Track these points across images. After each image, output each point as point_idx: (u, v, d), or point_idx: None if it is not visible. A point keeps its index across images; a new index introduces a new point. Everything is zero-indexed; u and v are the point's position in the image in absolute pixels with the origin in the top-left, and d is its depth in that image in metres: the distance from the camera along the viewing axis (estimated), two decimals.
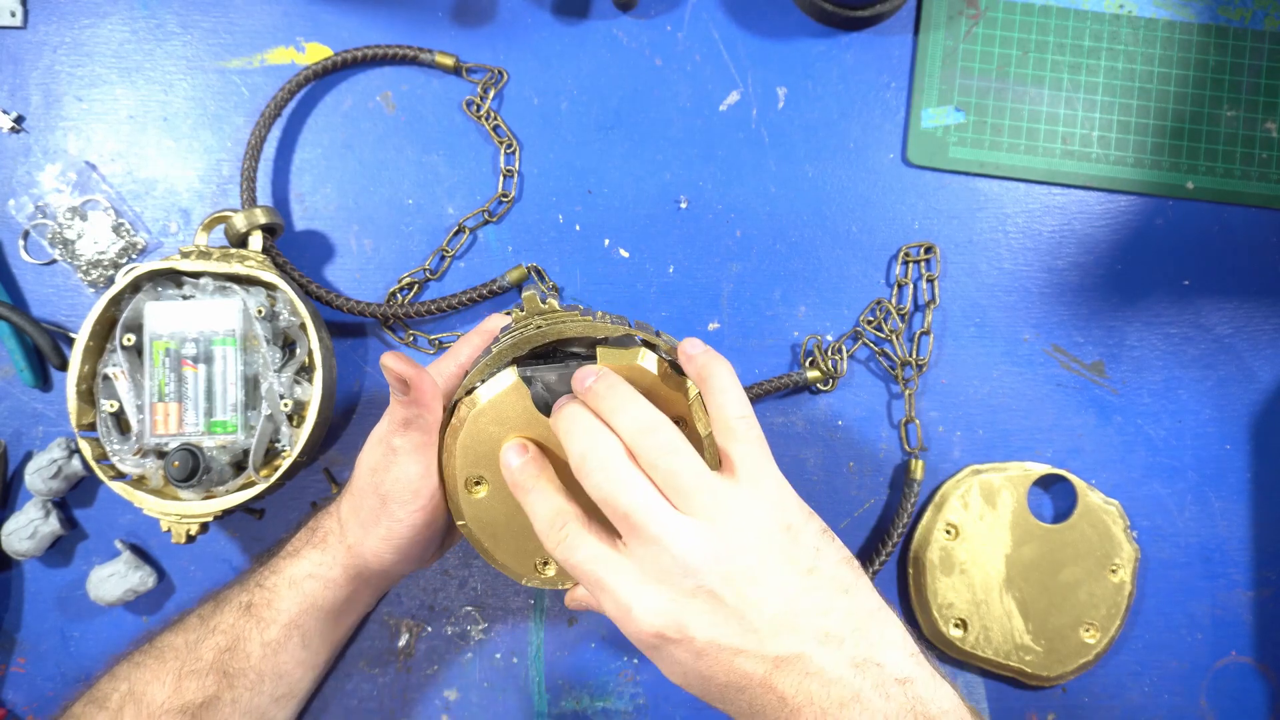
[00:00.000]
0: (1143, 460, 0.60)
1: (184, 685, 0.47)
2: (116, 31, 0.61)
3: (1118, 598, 0.57)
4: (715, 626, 0.38)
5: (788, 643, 0.37)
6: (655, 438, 0.40)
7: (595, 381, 0.42)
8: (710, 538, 0.38)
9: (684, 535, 0.38)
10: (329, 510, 0.52)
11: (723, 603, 0.38)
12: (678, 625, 0.38)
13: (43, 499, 0.56)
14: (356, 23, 0.61)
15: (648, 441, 0.40)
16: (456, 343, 0.52)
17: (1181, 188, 0.61)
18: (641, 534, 0.39)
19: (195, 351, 0.52)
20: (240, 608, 0.49)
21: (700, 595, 0.38)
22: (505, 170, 0.60)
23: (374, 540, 0.48)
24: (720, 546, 0.38)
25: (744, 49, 0.62)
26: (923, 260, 0.60)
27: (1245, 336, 0.61)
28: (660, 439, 0.40)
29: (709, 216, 0.61)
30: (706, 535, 0.38)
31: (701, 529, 0.38)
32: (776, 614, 0.38)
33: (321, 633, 0.51)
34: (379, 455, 0.47)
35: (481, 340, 0.51)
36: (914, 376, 0.60)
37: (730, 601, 0.37)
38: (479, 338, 0.52)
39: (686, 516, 0.39)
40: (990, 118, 0.61)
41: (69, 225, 0.59)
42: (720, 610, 0.37)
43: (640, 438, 0.40)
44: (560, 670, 0.58)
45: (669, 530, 0.38)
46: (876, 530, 0.60)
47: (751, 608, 0.37)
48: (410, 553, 0.49)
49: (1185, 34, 0.62)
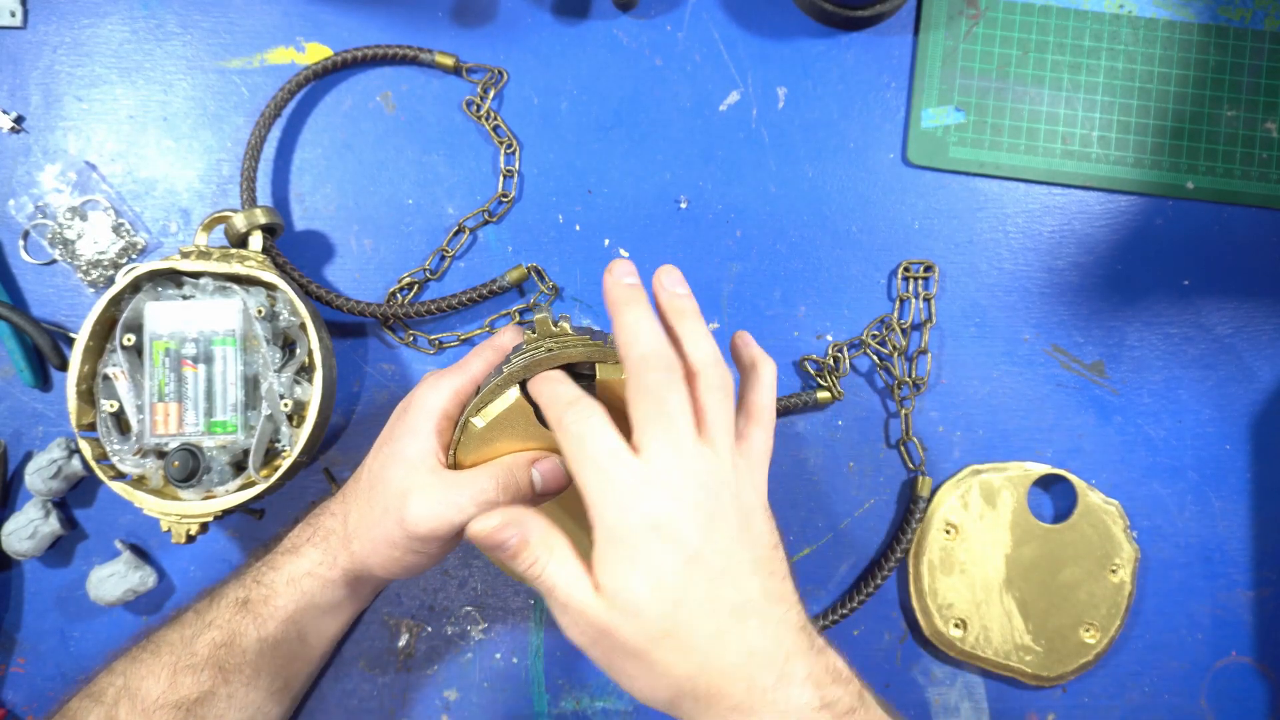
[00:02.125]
0: (1143, 460, 0.60)
1: (179, 680, 0.47)
2: (116, 31, 0.61)
3: (1118, 598, 0.57)
4: (711, 537, 0.39)
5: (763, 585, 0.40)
6: (724, 369, 0.42)
7: (690, 295, 0.44)
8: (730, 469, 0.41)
9: (708, 459, 0.40)
10: (330, 510, 0.52)
11: (720, 523, 0.40)
12: (676, 523, 0.39)
13: (43, 499, 0.56)
14: (356, 23, 0.61)
15: (713, 372, 0.42)
16: (469, 355, 0.52)
17: (1181, 188, 0.61)
18: (674, 440, 0.40)
19: (195, 351, 0.52)
20: (237, 603, 0.49)
21: (703, 511, 0.39)
22: (505, 170, 0.60)
23: (383, 550, 0.48)
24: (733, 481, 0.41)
25: (744, 49, 0.62)
26: (921, 278, 0.60)
27: (1245, 336, 0.61)
28: (726, 373, 0.42)
29: (709, 216, 0.61)
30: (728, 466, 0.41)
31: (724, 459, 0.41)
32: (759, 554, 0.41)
33: (318, 629, 0.52)
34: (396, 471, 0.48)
35: (495, 355, 0.52)
36: (911, 395, 0.60)
37: (729, 523, 0.40)
38: (492, 353, 0.52)
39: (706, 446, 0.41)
40: (990, 118, 0.61)
41: (69, 225, 0.59)
42: (720, 528, 0.40)
43: (709, 368, 0.42)
44: (560, 670, 0.58)
45: (696, 451, 0.40)
46: (876, 530, 0.60)
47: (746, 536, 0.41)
48: (418, 562, 0.49)
49: (1185, 34, 0.62)
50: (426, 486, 0.47)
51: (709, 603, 0.38)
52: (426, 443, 0.48)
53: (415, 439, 0.48)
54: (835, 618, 0.58)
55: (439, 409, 0.49)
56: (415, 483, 0.47)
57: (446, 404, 0.49)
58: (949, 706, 0.59)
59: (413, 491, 0.47)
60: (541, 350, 0.46)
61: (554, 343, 0.47)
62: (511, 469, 0.47)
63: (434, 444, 0.48)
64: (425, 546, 0.48)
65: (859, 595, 0.58)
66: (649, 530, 0.38)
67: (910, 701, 0.59)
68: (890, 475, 0.60)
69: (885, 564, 0.58)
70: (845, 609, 0.58)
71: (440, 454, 0.48)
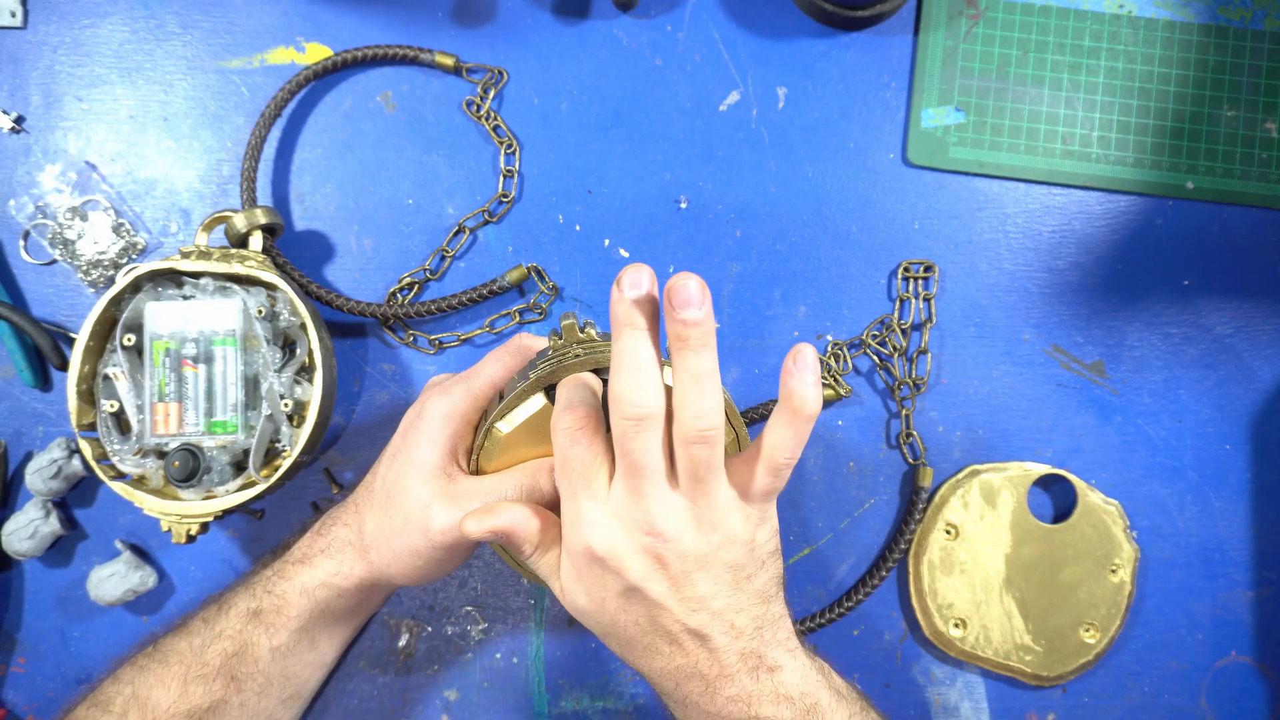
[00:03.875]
0: (1143, 460, 0.60)
1: (190, 690, 0.46)
2: (116, 31, 0.61)
3: (1118, 598, 0.57)
4: (649, 579, 0.41)
5: (701, 620, 0.42)
6: (708, 423, 0.40)
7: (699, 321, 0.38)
8: (687, 522, 0.41)
9: (669, 509, 0.41)
10: (343, 520, 0.50)
11: (666, 567, 0.41)
12: (618, 559, 0.41)
13: (43, 499, 0.56)
14: (356, 23, 0.61)
15: (700, 423, 0.39)
16: (484, 360, 0.51)
17: (1181, 188, 0.61)
18: (636, 485, 0.41)
19: (195, 351, 0.52)
20: (248, 614, 0.48)
21: (650, 554, 0.41)
22: (505, 170, 0.60)
23: (405, 560, 0.48)
24: (690, 533, 0.41)
25: (744, 49, 0.62)
26: (921, 278, 0.60)
27: (1245, 336, 0.61)
28: (711, 426, 0.40)
29: (709, 216, 0.61)
30: (686, 519, 0.41)
31: (686, 512, 0.41)
32: (704, 596, 0.42)
33: (330, 636, 0.52)
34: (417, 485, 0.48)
35: (512, 360, 0.51)
36: (911, 396, 0.60)
37: (673, 569, 0.41)
38: (509, 357, 0.51)
39: (680, 495, 0.41)
40: (990, 118, 0.61)
41: (69, 225, 0.59)
42: (661, 571, 0.41)
43: (695, 420, 0.39)
44: (560, 670, 0.58)
45: (658, 498, 0.41)
46: (877, 530, 0.60)
47: (687, 584, 0.42)
48: (441, 570, 0.49)
49: (1185, 34, 0.62)
50: (449, 495, 0.46)
51: (641, 626, 0.43)
52: (443, 450, 0.48)
53: (432, 447, 0.48)
54: (835, 616, 0.58)
55: (455, 415, 0.48)
56: (436, 491, 0.47)
57: (462, 409, 0.49)
58: (949, 706, 0.59)
59: (435, 501, 0.46)
60: (570, 356, 0.45)
61: (581, 349, 0.46)
62: (535, 474, 0.47)
63: (451, 451, 0.48)
64: (450, 555, 0.48)
65: (859, 594, 0.58)
66: (593, 560, 0.42)
67: (910, 701, 0.59)
68: (890, 475, 0.60)
69: (886, 561, 0.58)
70: (844, 607, 0.58)
71: (460, 460, 0.48)
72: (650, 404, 0.39)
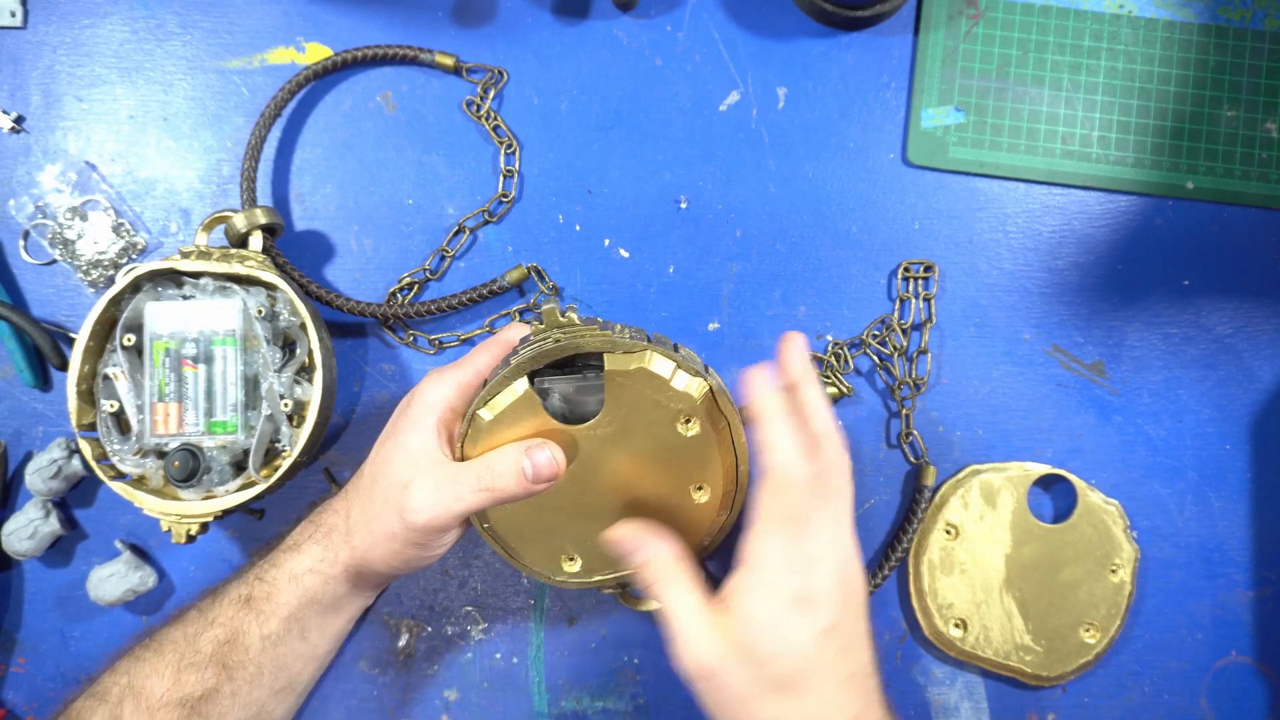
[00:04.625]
0: (1143, 460, 0.60)
1: (183, 678, 0.47)
2: (116, 31, 0.61)
3: (1118, 598, 0.57)
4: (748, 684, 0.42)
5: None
6: (843, 467, 0.46)
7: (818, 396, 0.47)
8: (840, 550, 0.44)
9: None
10: (333, 506, 0.52)
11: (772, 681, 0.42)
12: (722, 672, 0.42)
13: (43, 499, 0.56)
14: (356, 23, 0.61)
15: (840, 475, 0.46)
16: (474, 350, 0.52)
17: (1181, 188, 0.61)
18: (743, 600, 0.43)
19: (195, 351, 0.52)
20: (239, 601, 0.49)
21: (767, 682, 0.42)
22: (505, 170, 0.60)
23: (383, 544, 0.48)
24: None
25: (744, 49, 0.62)
26: (921, 278, 0.60)
27: (1245, 336, 0.61)
28: (844, 468, 0.46)
29: (709, 216, 0.61)
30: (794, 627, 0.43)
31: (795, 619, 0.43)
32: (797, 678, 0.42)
33: (321, 626, 0.52)
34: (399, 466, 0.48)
35: (500, 349, 0.52)
36: (911, 396, 0.60)
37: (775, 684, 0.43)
38: (498, 347, 0.52)
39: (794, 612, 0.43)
40: (990, 118, 0.61)
41: (69, 225, 0.59)
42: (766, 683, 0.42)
43: (839, 474, 0.46)
44: (560, 670, 0.58)
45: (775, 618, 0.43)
46: (877, 530, 0.60)
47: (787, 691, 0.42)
48: (418, 555, 0.49)
49: (1185, 34, 0.62)
50: (426, 476, 0.47)
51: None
52: (429, 435, 0.48)
53: (417, 432, 0.48)
54: None
55: (442, 402, 0.49)
56: (416, 473, 0.47)
57: (450, 397, 0.49)
58: (949, 706, 0.59)
59: (413, 482, 0.47)
60: (549, 341, 0.46)
61: (562, 333, 0.46)
62: (491, 459, 0.47)
63: (437, 437, 0.48)
64: (425, 538, 0.48)
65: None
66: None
67: (910, 701, 0.59)
68: (890, 475, 0.60)
69: (888, 561, 0.58)
70: None
71: (445, 447, 0.48)
72: (807, 467, 0.45)
